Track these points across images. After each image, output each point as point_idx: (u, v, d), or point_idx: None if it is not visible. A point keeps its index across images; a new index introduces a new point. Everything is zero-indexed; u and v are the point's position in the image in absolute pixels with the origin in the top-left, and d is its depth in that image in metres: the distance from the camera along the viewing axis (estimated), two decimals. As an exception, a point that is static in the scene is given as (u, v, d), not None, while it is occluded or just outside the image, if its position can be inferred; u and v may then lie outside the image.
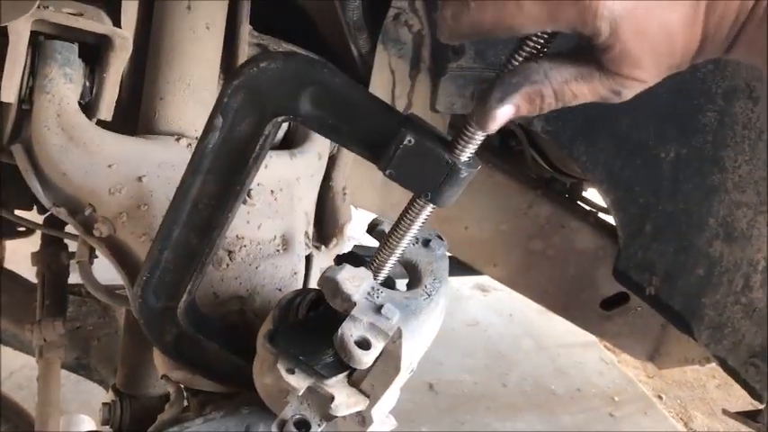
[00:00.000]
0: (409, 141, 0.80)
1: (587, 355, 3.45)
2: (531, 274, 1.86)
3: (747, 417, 1.42)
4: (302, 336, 0.94)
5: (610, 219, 1.87)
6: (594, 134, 1.59)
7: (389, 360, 0.89)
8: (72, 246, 1.54)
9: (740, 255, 1.41)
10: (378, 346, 0.87)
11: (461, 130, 0.79)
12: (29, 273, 1.67)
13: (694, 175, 1.47)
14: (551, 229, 1.81)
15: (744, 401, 3.05)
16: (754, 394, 1.41)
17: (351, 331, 0.86)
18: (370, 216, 1.87)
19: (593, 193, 2.03)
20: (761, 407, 1.49)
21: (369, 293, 0.90)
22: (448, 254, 1.12)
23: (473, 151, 0.81)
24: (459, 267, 1.98)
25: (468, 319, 3.49)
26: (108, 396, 1.43)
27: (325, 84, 0.85)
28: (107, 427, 1.41)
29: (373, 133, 0.84)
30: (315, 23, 1.73)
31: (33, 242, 1.63)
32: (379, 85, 1.62)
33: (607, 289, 1.86)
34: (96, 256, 1.35)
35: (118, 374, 1.44)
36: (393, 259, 0.93)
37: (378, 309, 0.87)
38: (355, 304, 0.87)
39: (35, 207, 1.62)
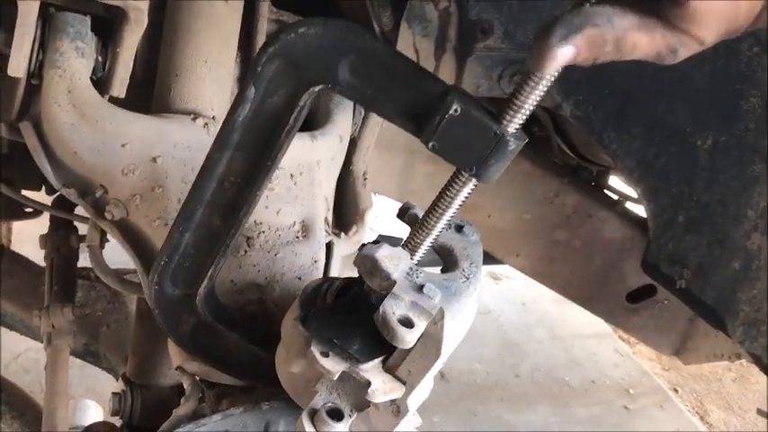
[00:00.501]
0: (455, 111, 0.76)
1: (602, 347, 3.40)
2: (555, 265, 1.80)
3: (784, 417, 1.36)
4: (332, 320, 0.90)
5: (636, 208, 1.81)
6: (627, 120, 1.53)
7: (430, 343, 0.84)
8: (82, 228, 1.48)
9: (781, 248, 1.35)
10: (420, 325, 0.82)
11: (509, 100, 0.75)
12: (36, 255, 1.62)
13: (733, 164, 1.40)
14: (578, 218, 1.75)
15: (761, 396, 2.99)
16: (791, 394, 1.35)
17: (393, 309, 0.82)
18: (388, 202, 1.82)
19: (618, 181, 1.97)
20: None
21: (408, 273, 0.85)
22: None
23: (521, 122, 0.77)
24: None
25: (480, 308, 3.41)
26: (118, 385, 1.38)
27: (366, 51, 0.80)
28: (117, 417, 1.36)
29: (416, 104, 0.79)
30: (336, 1, 1.66)
31: (41, 224, 1.57)
32: (402, 66, 1.55)
33: (634, 281, 1.80)
34: (107, 240, 1.30)
35: (129, 363, 1.39)
36: (430, 239, 0.88)
37: (419, 288, 0.83)
38: (395, 282, 0.82)
39: (43, 187, 1.56)
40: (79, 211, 1.46)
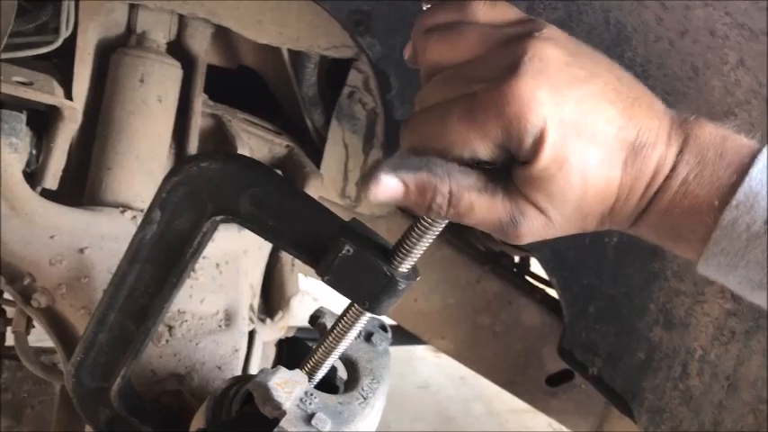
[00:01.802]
0: (348, 251, 0.79)
1: (536, 421, 3.44)
2: (478, 349, 1.86)
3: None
4: None
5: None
6: (541, 215, 1.62)
7: None
8: (9, 311, 1.50)
9: (678, 342, 1.44)
10: None
11: (401, 242, 0.79)
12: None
13: (635, 260, 1.50)
14: (498, 304, 1.83)
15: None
16: (690, 482, 1.42)
17: None
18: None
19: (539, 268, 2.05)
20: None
21: (302, 399, 0.88)
22: (394, 326, 1.12)
23: (412, 263, 0.80)
24: (410, 337, 1.98)
25: (419, 381, 3.47)
26: (37, 470, 1.38)
27: (265, 187, 0.85)
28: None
29: (312, 238, 0.84)
30: (273, 91, 1.75)
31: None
32: (332, 158, 1.63)
33: (552, 365, 1.87)
34: (34, 326, 1.32)
35: (49, 449, 1.39)
36: (330, 361, 0.92)
37: (309, 418, 0.85)
38: (284, 413, 0.85)
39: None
40: (6, 295, 1.48)
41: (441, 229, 0.77)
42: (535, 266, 2.06)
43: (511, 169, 0.65)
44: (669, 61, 1.18)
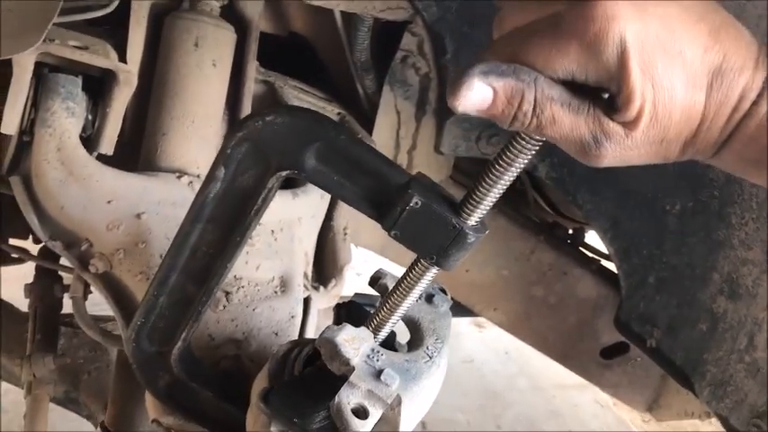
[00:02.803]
0: (416, 203, 0.78)
1: (583, 397, 3.41)
2: (531, 321, 1.83)
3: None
4: (297, 394, 0.91)
5: (612, 266, 1.86)
6: (600, 183, 1.58)
7: (387, 427, 0.86)
8: (67, 278, 1.51)
9: (744, 312, 1.39)
10: (375, 414, 0.84)
11: (470, 194, 0.77)
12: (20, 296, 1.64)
13: (700, 229, 1.45)
14: (553, 275, 1.79)
15: (740, 450, 3.00)
16: (756, 456, 1.38)
17: (348, 398, 0.84)
18: (370, 254, 1.86)
19: (595, 239, 2.01)
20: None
21: (368, 356, 0.87)
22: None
23: (481, 216, 0.79)
24: (458, 309, 1.96)
25: (463, 356, 3.45)
26: (97, 433, 1.39)
27: (330, 140, 0.83)
28: (93, 466, 1.37)
29: (379, 192, 0.82)
30: (323, 61, 1.72)
31: (27, 269, 1.60)
32: (384, 126, 1.61)
33: (607, 338, 1.83)
34: (91, 292, 1.33)
35: (107, 413, 1.40)
36: (394, 319, 0.90)
37: (377, 374, 0.85)
38: (354, 369, 0.84)
39: (30, 237, 1.60)
40: (64, 261, 1.49)
41: (513, 177, 0.75)
42: (589, 238, 2.01)
43: (598, 89, 0.64)
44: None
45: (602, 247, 1.90)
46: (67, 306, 1.55)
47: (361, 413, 0.83)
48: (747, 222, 1.34)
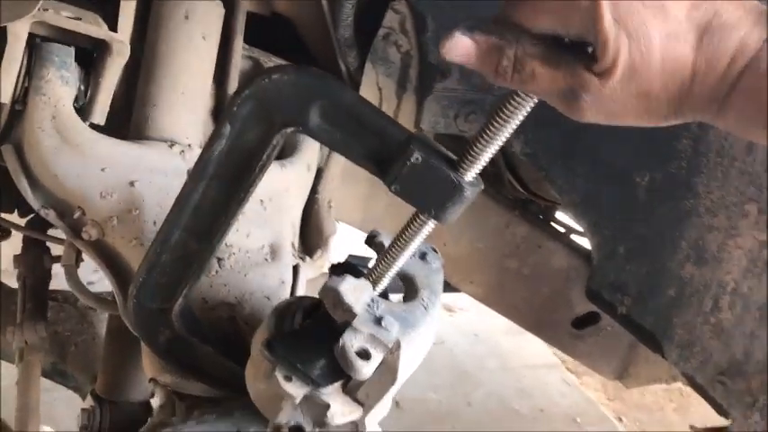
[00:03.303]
0: (416, 159, 0.82)
1: (551, 377, 3.51)
2: (506, 292, 1.90)
3: (715, 433, 1.48)
4: (298, 344, 0.96)
5: (582, 240, 1.93)
6: (572, 158, 1.65)
7: (387, 371, 0.91)
8: (55, 250, 1.53)
9: (710, 276, 1.47)
10: (377, 356, 0.89)
11: (467, 150, 0.81)
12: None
13: (668, 199, 1.53)
14: (527, 248, 1.86)
15: (700, 424, 3.13)
16: (720, 411, 1.46)
17: (352, 342, 0.89)
18: (351, 230, 1.91)
19: (564, 217, 2.09)
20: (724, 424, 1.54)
21: (369, 305, 0.92)
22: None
23: (478, 171, 0.83)
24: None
25: (435, 339, 3.52)
26: (87, 402, 1.42)
27: (334, 98, 0.87)
28: (84, 432, 1.40)
29: (380, 149, 0.86)
30: (303, 39, 1.75)
31: (12, 244, 1.61)
32: (365, 102, 1.65)
33: (579, 308, 1.90)
34: (83, 260, 1.35)
35: (98, 380, 1.43)
36: (392, 272, 0.95)
37: (378, 320, 0.90)
38: (356, 315, 0.89)
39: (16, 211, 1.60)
40: (53, 232, 1.50)
41: (507, 135, 0.80)
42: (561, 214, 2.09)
43: (583, 45, 0.67)
44: None
45: (573, 224, 1.98)
46: (53, 282, 1.57)
47: (363, 355, 0.88)
48: (713, 191, 1.43)
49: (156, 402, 1.17)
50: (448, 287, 2.01)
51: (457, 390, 3.24)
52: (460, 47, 0.69)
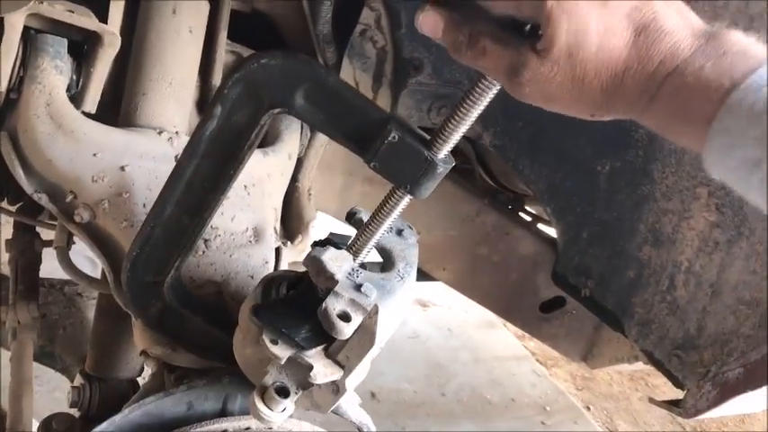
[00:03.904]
0: (393, 138, 0.90)
1: (521, 368, 3.62)
2: (477, 278, 1.99)
3: (672, 404, 1.57)
4: (283, 311, 1.03)
5: (548, 230, 2.03)
6: (538, 149, 1.74)
7: (365, 334, 0.99)
8: (45, 235, 1.58)
9: (666, 257, 1.57)
10: (357, 319, 0.97)
11: (439, 130, 0.89)
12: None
13: (627, 186, 1.62)
14: (496, 235, 1.95)
15: (665, 413, 3.25)
16: (677, 383, 1.56)
17: (334, 305, 0.96)
18: (328, 218, 1.98)
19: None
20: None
21: (349, 273, 0.99)
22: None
23: (449, 149, 0.91)
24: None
25: (409, 332, 3.61)
26: (77, 380, 1.47)
27: (319, 81, 0.94)
28: (75, 409, 1.45)
29: (361, 129, 0.93)
30: (283, 35, 1.83)
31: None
32: (342, 96, 1.73)
33: (546, 293, 2.00)
34: (74, 242, 1.41)
35: (88, 358, 1.49)
36: (371, 243, 1.02)
37: (358, 287, 0.97)
38: (338, 282, 0.97)
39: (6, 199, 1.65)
40: (44, 217, 1.56)
41: (475, 116, 0.88)
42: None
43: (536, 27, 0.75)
44: None
45: (539, 213, 2.07)
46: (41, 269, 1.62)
47: (344, 317, 0.96)
48: (667, 176, 1.53)
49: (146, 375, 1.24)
50: (421, 275, 2.10)
51: (431, 381, 3.33)
52: (430, 20, 0.78)
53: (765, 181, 0.65)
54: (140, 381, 1.52)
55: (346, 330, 0.96)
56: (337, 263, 0.99)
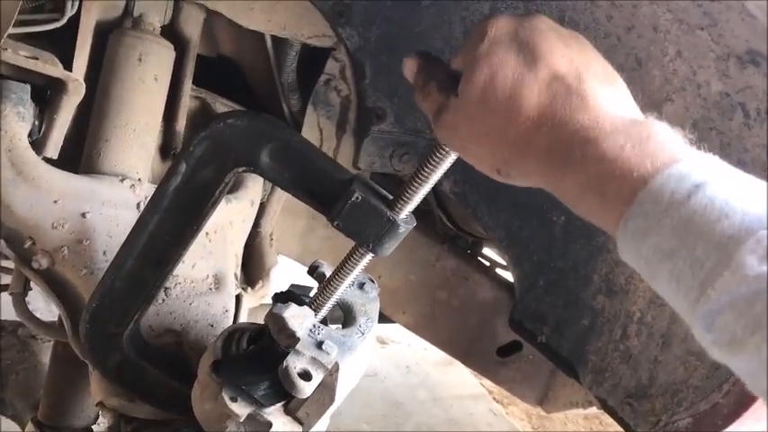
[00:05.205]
0: (357, 198, 0.93)
1: (478, 407, 3.64)
2: (437, 322, 2.01)
3: (623, 452, 1.60)
4: (243, 367, 1.04)
5: (506, 275, 2.07)
6: (497, 197, 1.78)
7: (326, 391, 1.00)
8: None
9: (619, 307, 1.61)
10: (318, 377, 0.98)
11: (401, 191, 0.93)
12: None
13: (581, 236, 1.67)
14: (456, 281, 1.98)
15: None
16: (629, 430, 1.59)
17: (295, 364, 0.98)
18: (290, 262, 1.99)
19: (490, 252, 2.22)
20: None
21: (311, 330, 1.01)
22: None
23: (411, 210, 0.95)
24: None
25: (368, 371, 3.58)
26: (28, 428, 1.44)
27: (284, 142, 0.97)
28: (26, 458, 1.42)
29: (325, 188, 0.96)
30: (248, 80, 1.85)
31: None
32: (306, 142, 1.75)
33: (503, 337, 2.03)
34: (31, 289, 1.39)
35: (41, 406, 1.46)
36: (333, 300, 1.05)
37: (319, 344, 0.99)
38: (299, 340, 0.98)
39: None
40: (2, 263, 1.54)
41: (435, 179, 0.91)
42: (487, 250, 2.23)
43: None
44: (616, 55, 1.36)
45: (497, 259, 2.11)
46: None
47: (305, 376, 0.97)
48: (598, 224, 1.57)
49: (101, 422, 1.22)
50: (382, 317, 2.11)
51: (389, 420, 3.32)
52: (408, 63, 0.88)
53: (674, 273, 0.63)
54: (95, 429, 1.50)
55: (307, 389, 0.97)
56: (299, 320, 1.01)
